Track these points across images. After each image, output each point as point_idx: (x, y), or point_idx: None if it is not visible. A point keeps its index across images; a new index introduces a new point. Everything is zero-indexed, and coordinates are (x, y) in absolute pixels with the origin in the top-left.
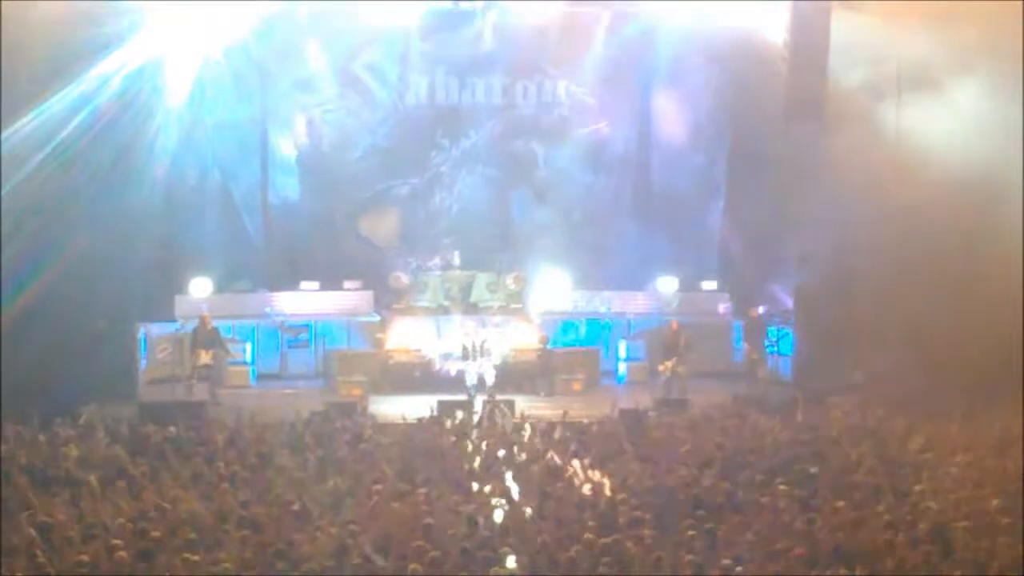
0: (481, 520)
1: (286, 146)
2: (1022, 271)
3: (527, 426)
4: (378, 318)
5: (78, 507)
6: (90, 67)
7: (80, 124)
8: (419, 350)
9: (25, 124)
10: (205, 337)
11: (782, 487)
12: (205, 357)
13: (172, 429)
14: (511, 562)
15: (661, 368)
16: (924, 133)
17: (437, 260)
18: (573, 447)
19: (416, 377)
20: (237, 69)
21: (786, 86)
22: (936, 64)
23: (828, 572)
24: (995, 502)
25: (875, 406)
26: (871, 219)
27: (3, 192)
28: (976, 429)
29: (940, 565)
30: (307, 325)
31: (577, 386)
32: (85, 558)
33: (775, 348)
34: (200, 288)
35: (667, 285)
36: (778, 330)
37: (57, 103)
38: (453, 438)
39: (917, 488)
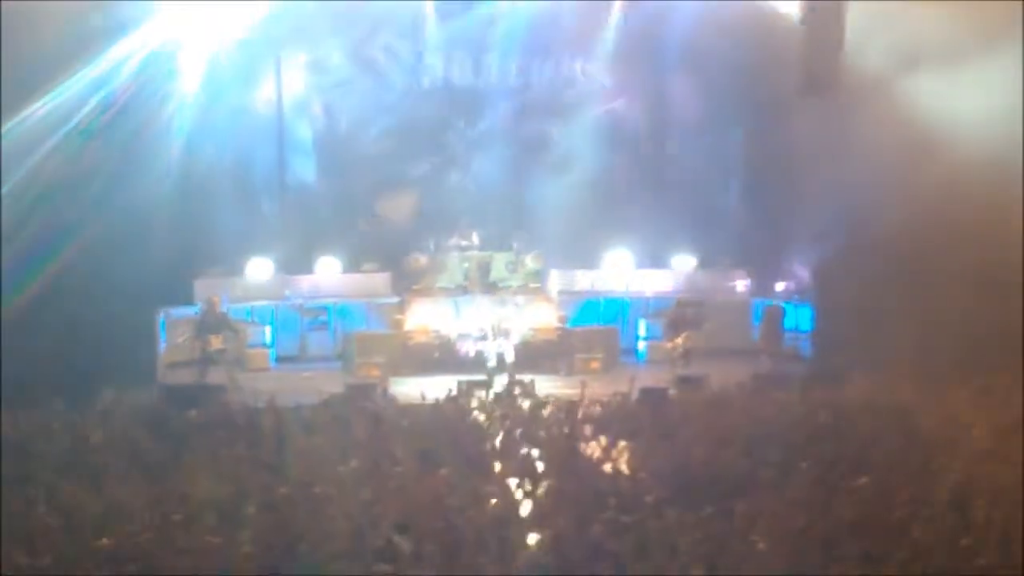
0: (501, 500)
1: (303, 128)
2: None
3: (547, 405)
4: (397, 299)
5: (99, 491)
6: (104, 51)
7: (95, 109)
8: (438, 331)
9: (40, 108)
10: (213, 321)
11: (801, 464)
12: (216, 342)
13: (192, 412)
14: (531, 542)
15: (670, 345)
16: (942, 107)
17: (455, 241)
18: (593, 426)
19: (435, 358)
20: (252, 52)
21: (801, 61)
22: (955, 38)
23: (847, 548)
24: (1015, 477)
25: (894, 382)
26: (889, 194)
27: (18, 177)
28: (996, 404)
29: (959, 541)
30: (326, 307)
31: (596, 365)
32: (106, 542)
33: (794, 325)
34: (221, 271)
35: (685, 263)
36: (797, 307)
37: (72, 87)
38: (473, 418)
39: (936, 464)
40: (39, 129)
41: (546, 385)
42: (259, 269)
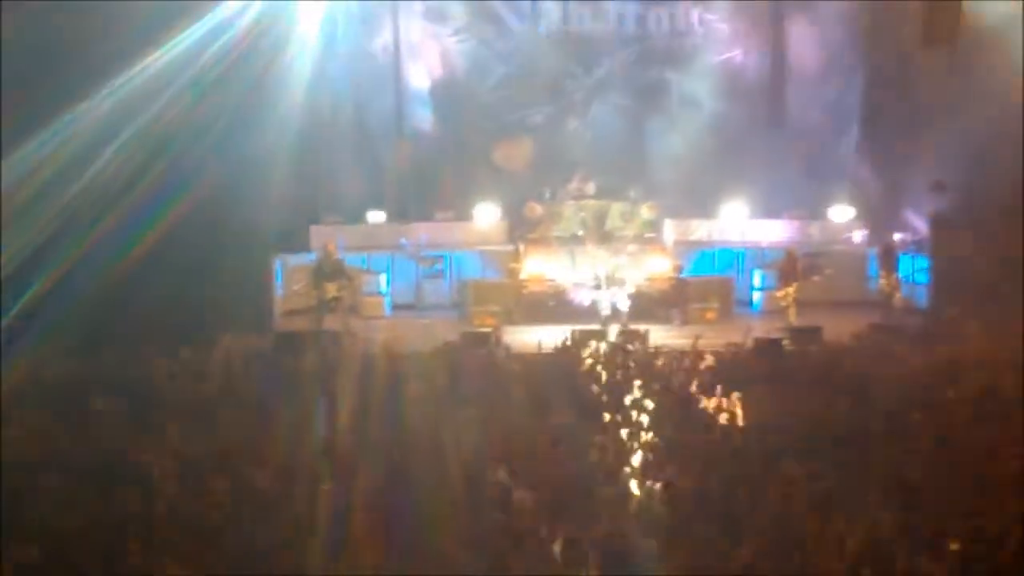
0: (613, 449)
1: (419, 76)
2: None
3: (660, 355)
4: (512, 248)
5: (214, 435)
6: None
7: (212, 57)
8: (553, 280)
9: (160, 57)
10: (329, 268)
11: (916, 415)
12: (332, 289)
13: (307, 359)
14: (640, 491)
15: (780, 295)
16: None
17: (571, 189)
18: (707, 376)
19: (550, 307)
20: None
21: (922, 10)
22: None
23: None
24: None
25: (1011, 333)
26: (1008, 146)
27: (139, 125)
28: None
29: None
30: (442, 255)
31: (711, 315)
32: (221, 484)
33: (911, 276)
34: (337, 218)
35: (799, 214)
36: (914, 258)
37: (191, 35)
38: (587, 367)
39: None
40: (160, 78)
41: (660, 335)
42: (375, 216)
